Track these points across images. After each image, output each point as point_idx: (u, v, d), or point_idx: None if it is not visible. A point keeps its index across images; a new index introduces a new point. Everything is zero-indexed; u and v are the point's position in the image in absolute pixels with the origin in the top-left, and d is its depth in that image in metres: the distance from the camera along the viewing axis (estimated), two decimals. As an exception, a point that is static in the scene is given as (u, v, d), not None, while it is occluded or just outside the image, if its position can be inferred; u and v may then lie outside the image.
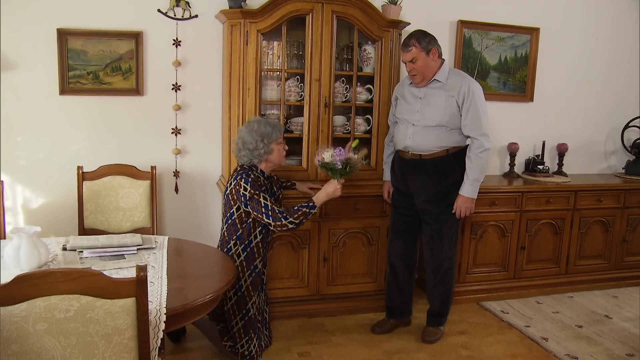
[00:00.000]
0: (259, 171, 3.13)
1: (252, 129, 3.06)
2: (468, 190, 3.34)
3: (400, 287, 3.67)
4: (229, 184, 3.07)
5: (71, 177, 3.54)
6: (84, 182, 3.52)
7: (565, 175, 4.72)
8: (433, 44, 3.28)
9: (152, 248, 2.70)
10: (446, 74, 3.35)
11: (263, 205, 2.93)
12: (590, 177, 4.83)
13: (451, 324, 3.80)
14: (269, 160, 3.13)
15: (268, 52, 3.76)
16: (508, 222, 4.23)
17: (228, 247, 3.08)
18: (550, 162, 4.84)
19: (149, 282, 2.23)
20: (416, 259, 3.71)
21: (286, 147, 3.21)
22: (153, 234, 3.61)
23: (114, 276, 2.26)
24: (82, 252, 2.56)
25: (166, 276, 2.30)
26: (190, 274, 2.47)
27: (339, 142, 3.94)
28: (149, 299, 2.01)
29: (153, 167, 3.63)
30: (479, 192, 4.02)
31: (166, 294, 2.10)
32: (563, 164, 4.80)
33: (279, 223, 2.93)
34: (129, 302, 1.70)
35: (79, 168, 3.50)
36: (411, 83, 3.43)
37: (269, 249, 3.66)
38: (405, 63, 3.33)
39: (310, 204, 3.02)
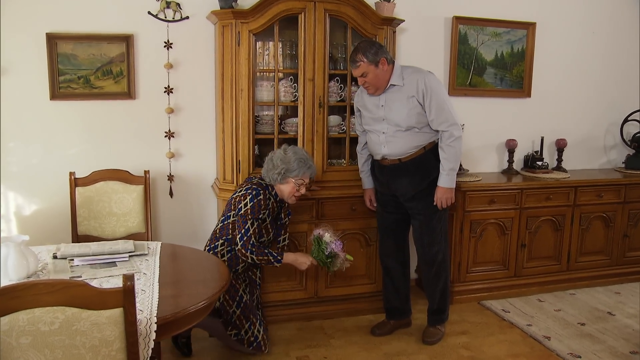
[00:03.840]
0: (273, 192, 3.16)
1: (285, 154, 3.13)
2: (445, 180, 3.31)
3: (397, 287, 3.63)
4: (238, 190, 3.13)
5: (64, 183, 3.49)
6: (77, 188, 3.47)
7: (564, 170, 4.66)
8: (381, 54, 3.23)
9: (145, 254, 2.65)
10: (400, 76, 3.30)
11: (245, 228, 2.99)
12: (590, 172, 4.78)
13: (452, 324, 3.75)
14: (279, 189, 3.16)
15: (260, 53, 3.71)
16: (508, 220, 4.18)
17: (215, 244, 3.13)
18: (549, 158, 4.79)
19: (140, 289, 2.19)
20: (408, 255, 3.67)
21: (303, 191, 3.19)
22: (147, 239, 3.56)
23: (105, 285, 2.24)
24: (72, 260, 2.51)
25: (158, 283, 2.25)
26: (183, 280, 2.42)
27: (335, 141, 3.92)
28: (139, 308, 1.99)
29: (146, 172, 3.58)
30: (477, 190, 4.06)
31: (157, 302, 2.05)
32: (562, 160, 4.75)
33: (243, 251, 2.99)
34: (116, 313, 1.64)
35: (71, 174, 3.45)
36: None
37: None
38: (357, 78, 3.31)
39: (279, 257, 3.07)
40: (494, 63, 4.50)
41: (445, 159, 3.28)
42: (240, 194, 3.07)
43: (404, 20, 3.86)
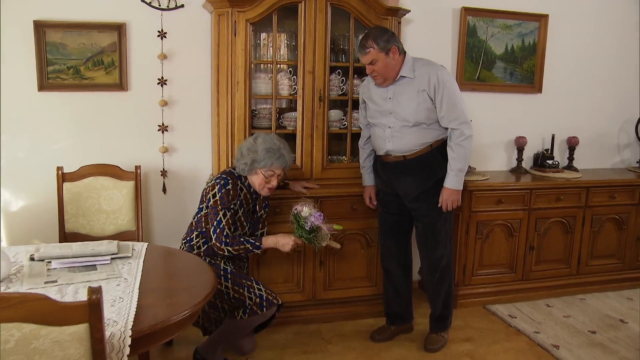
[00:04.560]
0: (246, 183, 2.99)
1: (254, 142, 2.94)
2: (452, 181, 3.13)
3: (398, 292, 3.46)
4: (209, 181, 2.98)
5: (51, 178, 3.33)
6: (64, 184, 3.33)
7: (576, 170, 4.47)
8: (392, 42, 3.04)
9: (128, 257, 2.49)
10: (411, 67, 3.11)
11: (217, 220, 2.83)
12: (603, 172, 4.58)
13: (455, 329, 3.58)
14: (250, 179, 2.98)
15: (258, 43, 3.53)
16: (516, 221, 4.00)
17: (191, 236, 3.00)
18: (560, 156, 4.60)
19: (118, 297, 2.03)
20: (411, 258, 3.50)
21: (274, 184, 2.97)
22: (138, 238, 3.42)
23: (81, 291, 2.08)
24: (50, 262, 2.35)
25: (138, 290, 2.09)
26: (166, 287, 2.26)
27: (335, 137, 3.75)
28: (114, 319, 1.83)
29: (137, 167, 3.43)
30: (484, 190, 3.88)
31: (134, 312, 1.89)
32: (574, 159, 4.56)
33: (218, 244, 2.83)
34: (81, 329, 1.48)
35: (59, 169, 3.30)
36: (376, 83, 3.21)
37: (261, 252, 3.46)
38: (365, 65, 3.11)
39: (257, 243, 2.87)
40: (503, 57, 4.30)
41: (454, 159, 3.10)
42: (209, 184, 2.92)
43: (410, 11, 3.67)
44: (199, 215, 3.00)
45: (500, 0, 4.20)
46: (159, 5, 3.55)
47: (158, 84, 3.61)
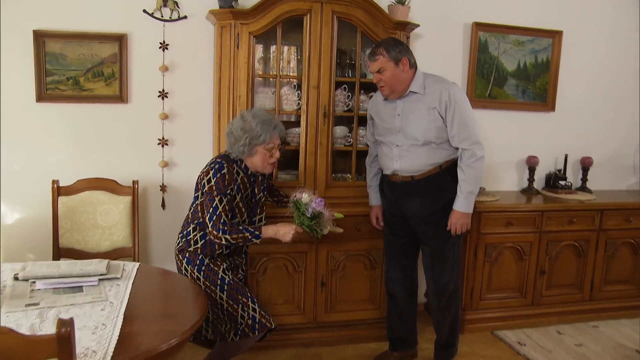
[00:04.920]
0: (242, 166, 2.79)
1: (244, 121, 2.72)
2: (462, 204, 2.99)
3: (402, 316, 3.32)
4: (203, 168, 2.77)
5: (47, 191, 3.24)
6: (60, 198, 3.24)
7: (589, 191, 4.32)
8: (404, 54, 2.93)
9: (117, 278, 2.38)
10: (422, 83, 2.99)
11: (213, 206, 2.63)
12: (618, 194, 4.42)
13: (462, 356, 3.43)
14: (250, 161, 2.79)
15: (261, 57, 3.44)
16: (526, 244, 3.85)
17: (187, 230, 2.80)
18: (573, 177, 4.44)
19: (100, 324, 1.92)
20: (416, 282, 3.36)
21: (278, 156, 2.82)
22: (134, 255, 3.32)
23: (63, 315, 1.97)
24: (35, 282, 2.25)
25: (123, 316, 1.98)
26: (153, 313, 2.14)
27: (340, 154, 3.64)
28: (93, 349, 1.72)
29: (135, 182, 3.33)
30: (494, 211, 3.75)
31: (116, 342, 1.77)
32: (587, 180, 4.40)
33: (215, 232, 2.62)
34: (49, 365, 1.37)
35: (54, 182, 3.21)
36: (386, 99, 3.08)
37: (261, 272, 3.35)
38: (373, 74, 3.00)
39: (257, 232, 2.68)
40: (515, 74, 4.17)
41: (464, 181, 2.97)
42: (204, 171, 2.73)
43: (419, 25, 3.57)
44: (194, 205, 2.80)
45: (513, 15, 4.08)
46: (162, 17, 3.47)
47: (159, 96, 3.52)
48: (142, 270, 2.54)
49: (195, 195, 2.79)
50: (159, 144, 3.57)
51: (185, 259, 2.75)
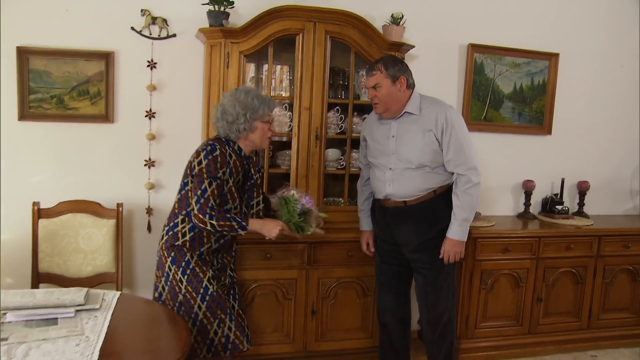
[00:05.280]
0: (235, 147, 2.65)
1: (237, 99, 2.60)
2: (456, 232, 2.89)
3: (395, 347, 3.20)
4: (194, 152, 2.64)
5: (27, 213, 3.11)
6: (40, 220, 3.12)
7: (586, 216, 4.23)
8: (402, 73, 2.86)
9: (95, 309, 2.25)
10: (418, 104, 2.91)
11: (202, 189, 2.49)
12: (615, 219, 4.34)
13: (457, 389, 3.31)
14: (248, 139, 2.66)
15: (252, 77, 3.35)
16: (523, 271, 3.75)
17: (175, 221, 2.63)
18: (569, 201, 4.36)
19: (74, 362, 1.79)
20: (409, 312, 3.24)
21: (273, 128, 2.73)
22: (118, 280, 3.19)
23: (33, 352, 1.84)
24: (6, 314, 2.11)
25: (98, 353, 1.85)
26: (132, 348, 2.02)
27: (332, 178, 3.53)
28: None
29: (119, 205, 3.22)
30: (490, 237, 3.65)
31: (88, 384, 1.65)
32: (584, 204, 4.31)
33: (201, 216, 2.48)
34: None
35: (35, 204, 3.10)
36: (381, 118, 2.99)
37: (250, 299, 3.22)
38: (368, 89, 2.91)
39: (244, 223, 2.54)
40: (512, 96, 4.10)
41: (459, 207, 2.87)
42: (193, 154, 2.60)
43: (414, 46, 3.50)
44: (182, 193, 2.63)
45: (509, 37, 4.02)
46: (150, 34, 3.38)
47: (146, 116, 3.42)
48: (123, 300, 2.41)
49: (184, 181, 2.63)
50: (145, 165, 3.46)
51: (171, 258, 2.60)
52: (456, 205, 2.88)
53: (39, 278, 3.11)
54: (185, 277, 2.56)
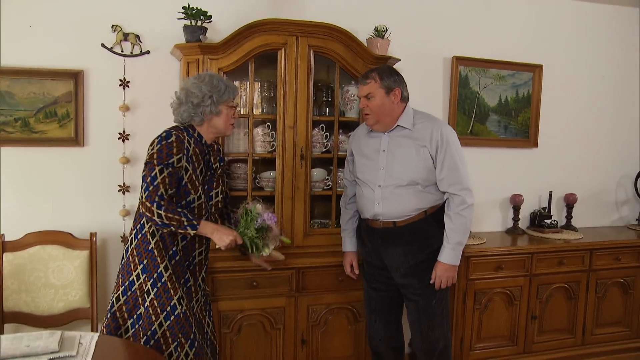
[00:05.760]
0: (195, 135, 2.48)
1: (202, 80, 2.44)
2: (449, 256, 2.74)
3: (389, 377, 3.03)
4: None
5: (-9, 246, 2.88)
6: (5, 254, 2.90)
7: (575, 229, 4.15)
8: (397, 85, 2.72)
9: (72, 357, 2.03)
10: (411, 119, 2.77)
11: (152, 175, 2.31)
12: (603, 231, 4.26)
13: (455, 416, 3.15)
14: (212, 125, 2.49)
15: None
16: (516, 288, 3.63)
17: (141, 222, 2.43)
18: (557, 214, 4.28)
19: None
20: (402, 339, 3.09)
21: (236, 116, 2.57)
22: (92, 316, 2.98)
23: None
24: (-31, 368, 1.89)
25: (77, 412, 1.64)
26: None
27: (318, 199, 3.38)
28: None
29: (93, 234, 3.00)
30: (482, 255, 3.52)
31: None
32: (572, 217, 4.24)
33: (148, 204, 2.30)
34: None
35: (-1, 237, 2.86)
36: (370, 132, 2.85)
37: (235, 331, 3.02)
38: (360, 98, 2.77)
39: (195, 222, 2.34)
40: (497, 109, 4.01)
41: (452, 230, 2.72)
42: (150, 144, 2.43)
43: (400, 60, 3.37)
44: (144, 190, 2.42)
45: (494, 49, 3.93)
46: (122, 51, 3.18)
47: (119, 138, 3.21)
48: (102, 343, 2.19)
49: (143, 175, 2.41)
50: (119, 190, 3.24)
51: (142, 266, 2.38)
52: (449, 227, 2.74)
53: (4, 318, 2.87)
54: (155, 290, 2.36)
